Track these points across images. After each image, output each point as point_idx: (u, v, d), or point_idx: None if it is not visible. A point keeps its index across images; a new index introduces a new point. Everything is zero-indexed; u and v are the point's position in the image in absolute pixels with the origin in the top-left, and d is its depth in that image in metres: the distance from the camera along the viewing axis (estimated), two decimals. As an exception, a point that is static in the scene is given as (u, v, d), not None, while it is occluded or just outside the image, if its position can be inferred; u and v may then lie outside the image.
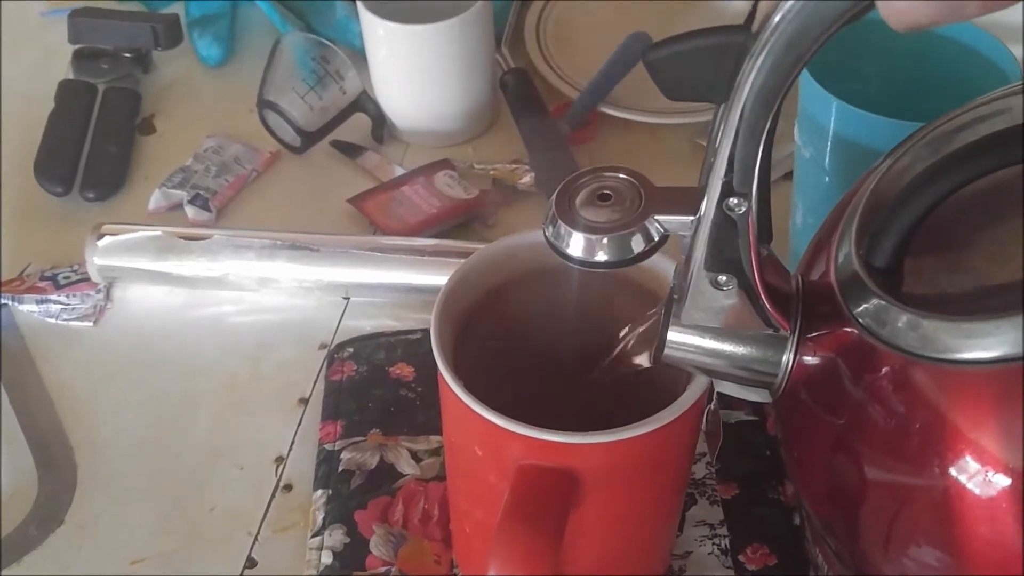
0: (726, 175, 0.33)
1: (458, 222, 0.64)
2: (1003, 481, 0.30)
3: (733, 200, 0.34)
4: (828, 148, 0.51)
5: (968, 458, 0.30)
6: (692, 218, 0.35)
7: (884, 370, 0.32)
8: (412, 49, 0.66)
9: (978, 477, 0.30)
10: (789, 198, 0.59)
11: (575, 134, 0.68)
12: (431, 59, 0.66)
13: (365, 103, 0.68)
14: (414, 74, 0.67)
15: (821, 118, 0.51)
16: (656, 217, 0.36)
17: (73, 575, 0.49)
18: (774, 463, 0.51)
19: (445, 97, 0.68)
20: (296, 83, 0.67)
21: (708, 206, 0.34)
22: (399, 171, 0.67)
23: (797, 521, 0.49)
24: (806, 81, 0.51)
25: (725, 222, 0.34)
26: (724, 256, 0.35)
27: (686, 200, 0.35)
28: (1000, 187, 0.34)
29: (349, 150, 0.69)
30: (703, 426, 0.41)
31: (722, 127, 0.33)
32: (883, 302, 0.32)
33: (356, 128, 0.69)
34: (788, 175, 0.63)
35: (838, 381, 0.34)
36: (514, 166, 0.67)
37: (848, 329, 0.33)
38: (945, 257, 0.34)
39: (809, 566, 0.47)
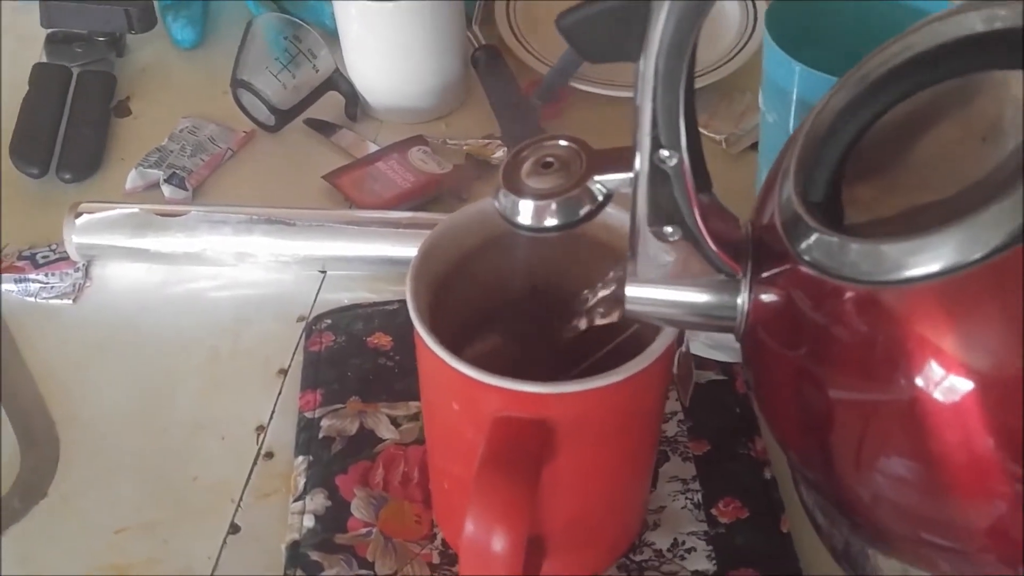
0: (652, 130, 0.34)
1: (432, 196, 0.65)
2: (964, 385, 0.31)
3: (664, 153, 0.35)
4: (792, 113, 0.53)
5: (927, 370, 0.32)
6: (631, 175, 0.36)
7: (836, 300, 0.33)
8: (384, 27, 0.66)
9: (940, 386, 0.31)
10: (755, 167, 0.61)
11: (546, 109, 0.69)
12: (403, 37, 0.67)
13: (338, 81, 0.69)
14: (386, 52, 0.68)
15: (784, 83, 0.52)
16: (597, 178, 0.37)
17: (57, 545, 0.50)
18: (744, 420, 0.52)
19: (417, 74, 0.69)
20: (269, 62, 0.68)
21: (641, 162, 0.35)
22: (373, 148, 0.68)
23: (767, 475, 0.50)
24: (769, 47, 0.52)
25: (659, 175, 0.35)
26: (664, 208, 0.36)
27: (624, 159, 0.36)
28: (920, 110, 0.36)
29: (323, 128, 0.70)
30: (674, 369, 0.42)
31: (641, 84, 0.34)
32: (823, 235, 0.34)
33: (330, 106, 0.70)
34: (754, 146, 0.65)
35: (795, 317, 0.35)
36: (487, 141, 0.68)
37: (796, 266, 0.35)
38: (878, 184, 0.35)
39: (780, 518, 0.48)
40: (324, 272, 0.61)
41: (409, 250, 0.58)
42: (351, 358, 0.56)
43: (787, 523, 0.48)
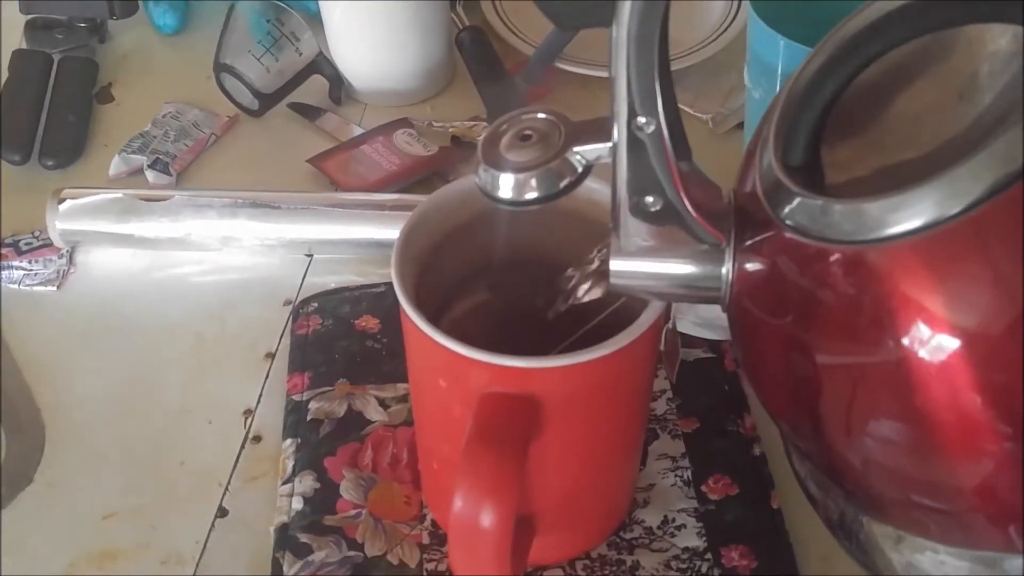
0: (627, 96, 0.34)
1: (418, 179, 0.64)
2: (949, 343, 0.31)
3: (640, 120, 0.34)
4: (778, 88, 0.52)
5: (912, 329, 0.31)
6: (610, 145, 0.36)
7: (820, 263, 0.33)
8: (367, 9, 0.66)
9: (925, 344, 0.31)
10: (743, 146, 0.60)
11: (532, 90, 0.69)
12: (386, 19, 0.66)
13: (322, 65, 0.69)
14: (370, 34, 0.67)
15: (769, 58, 0.52)
16: (576, 149, 0.37)
17: (44, 532, 0.49)
18: (733, 397, 0.52)
19: (402, 57, 0.68)
20: (252, 46, 0.68)
21: (618, 131, 0.35)
22: (358, 131, 0.68)
23: (757, 452, 0.50)
24: (754, 22, 0.52)
25: (637, 143, 0.35)
26: (644, 178, 0.35)
27: (603, 129, 0.36)
28: (896, 70, 0.35)
29: (307, 112, 0.69)
30: (661, 345, 0.42)
31: (614, 50, 0.34)
32: (805, 199, 0.33)
33: (314, 90, 0.70)
34: (741, 125, 0.64)
35: (780, 283, 0.35)
36: (472, 123, 0.67)
37: (780, 232, 0.34)
38: (856, 145, 0.35)
39: (770, 494, 0.48)
40: (310, 255, 0.61)
41: (395, 233, 0.57)
42: (338, 341, 0.56)
43: (777, 499, 0.48)
